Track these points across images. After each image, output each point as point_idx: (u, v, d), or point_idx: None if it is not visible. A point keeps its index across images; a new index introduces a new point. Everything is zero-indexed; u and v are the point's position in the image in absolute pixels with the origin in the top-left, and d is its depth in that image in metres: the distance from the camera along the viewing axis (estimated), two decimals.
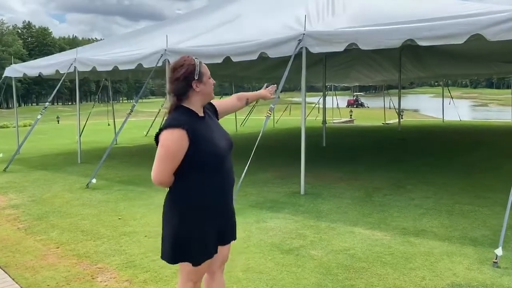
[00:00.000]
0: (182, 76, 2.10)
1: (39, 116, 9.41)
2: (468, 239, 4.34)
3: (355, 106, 45.61)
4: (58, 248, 4.35)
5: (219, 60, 7.13)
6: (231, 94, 3.14)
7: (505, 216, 3.98)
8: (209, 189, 2.14)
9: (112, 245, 4.38)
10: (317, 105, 19.96)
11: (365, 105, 48.49)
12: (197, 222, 2.12)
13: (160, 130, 2.06)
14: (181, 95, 2.13)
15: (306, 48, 6.12)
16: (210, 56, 7.20)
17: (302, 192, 6.33)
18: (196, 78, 2.12)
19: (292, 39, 6.19)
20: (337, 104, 22.49)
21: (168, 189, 2.16)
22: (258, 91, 2.91)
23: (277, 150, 11.62)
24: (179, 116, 2.09)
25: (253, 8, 8.73)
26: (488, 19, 4.71)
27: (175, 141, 2.01)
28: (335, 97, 22.49)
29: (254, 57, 6.70)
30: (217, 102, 2.55)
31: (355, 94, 52.88)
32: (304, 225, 4.90)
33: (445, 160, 9.37)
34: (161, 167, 2.04)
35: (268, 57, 6.61)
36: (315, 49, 6.05)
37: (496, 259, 3.66)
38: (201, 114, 2.20)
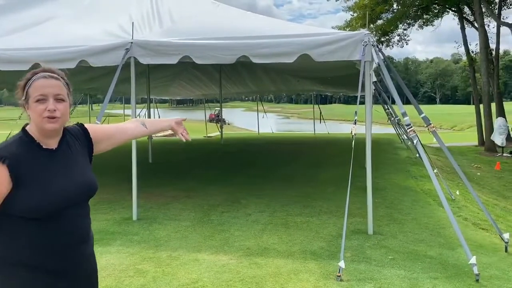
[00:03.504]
0: (18, 91, 1.66)
1: None
2: (308, 253, 4.45)
3: (214, 121, 38.49)
4: None
5: (26, 67, 5.95)
6: None
7: (343, 228, 4.18)
8: (32, 244, 1.59)
9: None
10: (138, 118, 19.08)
11: (226, 122, 40.04)
12: (19, 284, 1.57)
13: None
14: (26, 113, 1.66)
15: (135, 58, 5.57)
16: (13, 62, 5.98)
17: (134, 217, 5.69)
18: (23, 98, 1.63)
19: (118, 47, 5.56)
20: (159, 116, 22.00)
21: None
22: (166, 119, 2.23)
23: (101, 167, 10.51)
24: (9, 144, 1.61)
25: (65, 13, 7.63)
26: (316, 40, 5.01)
27: None
28: (156, 109, 21.96)
29: (72, 65, 5.78)
30: (97, 127, 1.91)
31: (216, 108, 47.60)
32: (143, 258, 4.33)
33: (269, 171, 9.84)
34: None
35: (88, 66, 5.81)
36: (145, 60, 5.55)
37: (339, 272, 3.79)
38: (48, 145, 1.66)
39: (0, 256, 1.61)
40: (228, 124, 38.16)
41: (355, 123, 4.69)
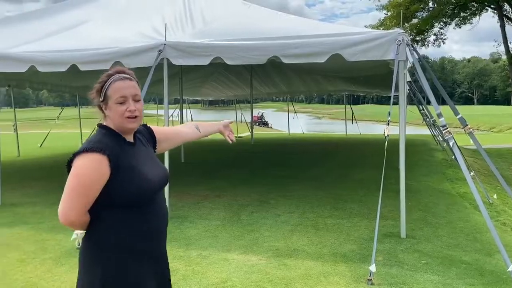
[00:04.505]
0: (94, 93, 1.76)
1: None
2: (339, 256, 4.39)
3: (257, 124, 35.20)
4: None
5: (63, 69, 6.17)
6: (75, 106, 2.50)
7: (375, 231, 4.10)
8: (134, 230, 1.72)
9: None
10: (171, 118, 19.40)
11: (269, 125, 38.08)
12: (127, 270, 1.68)
13: (74, 155, 1.66)
14: (102, 112, 1.77)
15: (168, 59, 5.65)
16: (52, 64, 6.19)
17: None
18: (101, 99, 1.74)
19: (151, 48, 5.65)
20: (191, 117, 22.28)
21: (85, 233, 1.73)
22: (215, 122, 2.35)
23: None
24: (100, 139, 1.70)
25: (100, 15, 7.84)
26: (348, 40, 4.94)
27: (92, 169, 1.62)
28: (188, 110, 22.24)
29: (107, 66, 5.90)
30: (158, 128, 2.04)
31: (260, 111, 42.22)
32: (173, 256, 4.38)
33: (299, 172, 9.78)
34: (72, 201, 1.62)
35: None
36: (177, 61, 5.63)
37: (370, 276, 3.72)
38: (129, 139, 1.80)
39: (104, 244, 1.70)
40: (271, 127, 36.11)
41: (388, 123, 4.59)
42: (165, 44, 5.63)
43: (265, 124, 38.36)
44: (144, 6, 7.70)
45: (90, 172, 1.62)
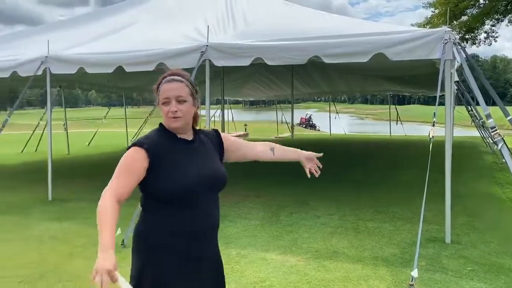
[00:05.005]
0: (154, 93, 1.88)
1: None
2: (380, 260, 4.29)
3: (304, 126, 35.46)
4: None
5: (110, 70, 6.43)
6: (121, 106, 2.59)
7: (418, 236, 3.98)
8: (168, 226, 1.77)
9: None
10: (212, 119, 19.69)
11: (317, 127, 34.82)
12: (154, 264, 1.74)
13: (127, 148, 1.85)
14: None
15: (210, 61, 5.75)
16: (99, 65, 6.46)
17: None
18: (157, 98, 1.86)
19: (194, 50, 5.77)
20: (233, 117, 22.49)
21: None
22: (297, 150, 2.19)
23: None
24: (149, 135, 1.86)
25: (145, 18, 8.10)
26: (391, 39, 4.82)
27: (131, 158, 1.76)
28: (230, 110, 22.46)
29: (151, 68, 6.12)
30: (230, 137, 2.11)
31: (308, 113, 39.79)
32: None
33: (340, 173, 9.63)
34: (113, 179, 1.75)
35: (163, 69, 6.09)
36: (219, 62, 5.72)
37: (412, 281, 3.61)
38: (186, 137, 1.89)
39: (145, 234, 1.80)
40: (319, 130, 32.91)
41: (433, 125, 4.44)
42: (207, 45, 5.73)
43: (313, 126, 35.93)
44: (188, 8, 7.87)
45: (127, 160, 1.76)
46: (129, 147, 1.81)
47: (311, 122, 36.93)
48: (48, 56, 6.73)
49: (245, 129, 26.67)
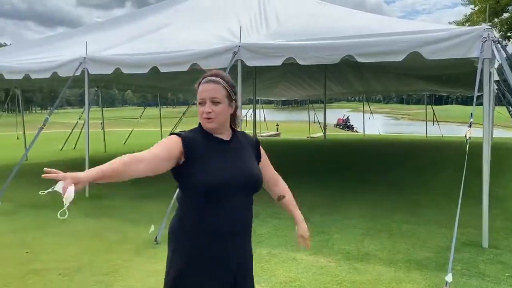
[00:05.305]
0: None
1: None
2: (413, 263, 4.20)
3: (341, 127, 34.90)
4: None
5: (145, 70, 6.58)
6: (156, 106, 2.64)
7: (453, 240, 3.87)
8: (197, 222, 1.79)
9: None
10: (245, 118, 19.79)
11: (355, 129, 33.40)
12: (189, 262, 1.79)
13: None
14: None
15: (242, 61, 5.79)
16: (135, 66, 6.63)
17: None
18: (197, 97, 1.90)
19: (227, 50, 5.83)
20: (264, 117, 22.53)
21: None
22: (299, 216, 2.26)
23: None
24: (187, 131, 1.91)
25: (180, 19, 8.25)
26: (427, 37, 4.71)
27: (167, 139, 1.82)
28: (262, 110, 22.51)
29: (185, 68, 6.22)
30: (266, 156, 2.14)
31: (345, 114, 38.47)
32: None
33: (373, 175, 9.49)
34: (151, 149, 1.77)
35: (197, 69, 6.17)
36: (251, 62, 5.75)
37: (446, 285, 3.52)
38: (222, 137, 1.91)
39: (178, 225, 1.86)
40: (357, 131, 31.08)
41: (470, 125, 4.31)
42: (239, 46, 5.77)
43: (350, 128, 34.92)
44: (221, 9, 7.95)
45: (163, 140, 1.81)
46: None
47: (348, 123, 36.12)
48: (86, 57, 6.96)
49: (277, 128, 26.66)
